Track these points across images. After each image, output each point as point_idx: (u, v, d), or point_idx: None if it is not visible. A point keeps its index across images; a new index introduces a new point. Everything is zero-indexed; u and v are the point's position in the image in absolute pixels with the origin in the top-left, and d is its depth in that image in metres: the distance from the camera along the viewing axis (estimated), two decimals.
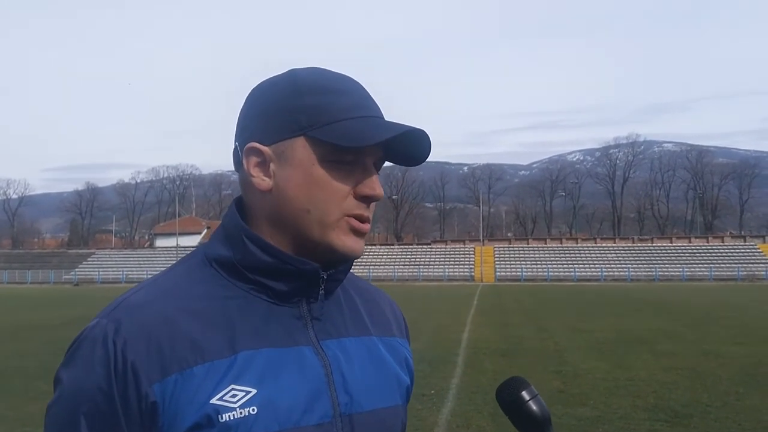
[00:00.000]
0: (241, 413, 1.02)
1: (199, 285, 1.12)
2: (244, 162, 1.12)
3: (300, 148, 1.09)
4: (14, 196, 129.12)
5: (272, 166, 1.11)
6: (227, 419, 1.01)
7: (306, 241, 1.11)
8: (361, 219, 1.12)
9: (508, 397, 1.19)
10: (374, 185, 1.11)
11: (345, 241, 1.11)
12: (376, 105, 1.15)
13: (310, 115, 1.08)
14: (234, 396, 1.02)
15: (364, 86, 1.17)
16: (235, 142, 1.16)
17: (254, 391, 1.04)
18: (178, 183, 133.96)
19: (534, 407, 1.17)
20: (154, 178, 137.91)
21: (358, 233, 1.12)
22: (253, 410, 1.03)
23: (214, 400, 1.01)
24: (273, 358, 1.08)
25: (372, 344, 1.22)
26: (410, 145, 1.13)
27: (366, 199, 1.11)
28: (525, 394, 1.17)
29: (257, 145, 1.11)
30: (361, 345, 1.20)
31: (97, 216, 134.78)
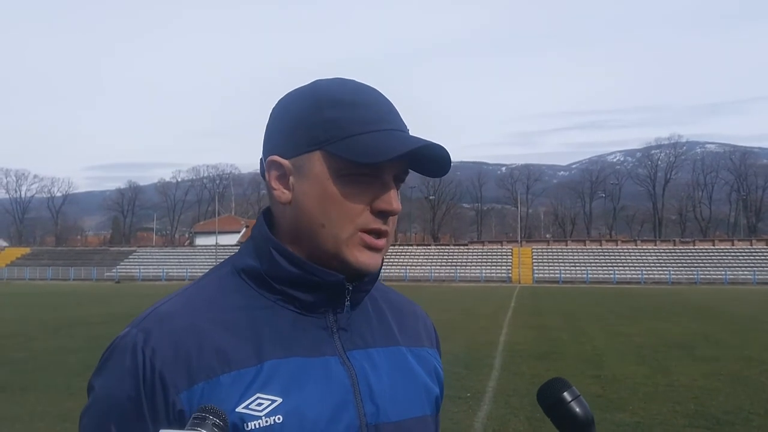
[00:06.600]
0: (266, 422, 1.03)
1: (227, 295, 1.14)
2: (267, 174, 1.15)
3: (317, 163, 1.10)
4: (58, 194, 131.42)
5: (291, 179, 1.13)
6: (253, 427, 1.02)
7: (322, 255, 1.12)
8: (378, 233, 1.12)
9: (549, 398, 1.15)
10: (391, 200, 1.11)
11: (358, 257, 1.11)
12: (398, 117, 1.15)
13: (328, 130, 1.09)
14: (260, 405, 1.04)
15: (386, 98, 1.16)
16: (261, 153, 1.18)
17: (280, 400, 1.05)
18: (217, 182, 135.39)
19: (577, 409, 1.14)
20: (194, 177, 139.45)
21: (372, 249, 1.12)
22: (279, 419, 1.03)
23: (240, 409, 1.02)
24: (299, 367, 1.09)
25: (400, 354, 1.22)
26: (429, 159, 1.13)
27: (382, 214, 1.11)
28: (567, 395, 1.14)
29: (278, 158, 1.13)
30: (389, 355, 1.20)
31: (138, 214, 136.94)
